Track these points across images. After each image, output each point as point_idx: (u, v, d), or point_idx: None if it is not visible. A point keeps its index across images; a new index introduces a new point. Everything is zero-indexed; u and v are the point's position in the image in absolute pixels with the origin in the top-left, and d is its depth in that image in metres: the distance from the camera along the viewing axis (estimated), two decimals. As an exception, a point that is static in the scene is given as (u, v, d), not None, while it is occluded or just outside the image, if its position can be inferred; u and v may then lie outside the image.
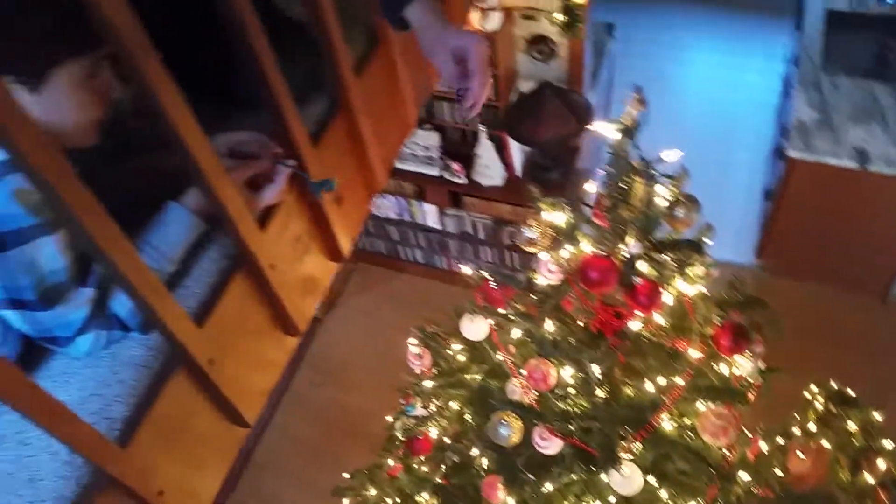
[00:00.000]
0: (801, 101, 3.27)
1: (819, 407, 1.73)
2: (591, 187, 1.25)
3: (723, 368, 1.50)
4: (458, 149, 3.58)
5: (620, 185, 1.13)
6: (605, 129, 1.06)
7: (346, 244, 1.50)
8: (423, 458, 2.04)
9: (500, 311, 1.63)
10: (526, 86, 3.27)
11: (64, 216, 0.82)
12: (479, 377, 1.79)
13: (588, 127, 3.11)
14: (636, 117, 1.05)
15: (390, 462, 2.18)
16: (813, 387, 1.75)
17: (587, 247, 1.32)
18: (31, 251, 0.96)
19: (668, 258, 1.28)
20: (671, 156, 1.07)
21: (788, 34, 4.27)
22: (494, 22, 3.03)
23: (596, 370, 1.38)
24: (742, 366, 1.50)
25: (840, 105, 3.23)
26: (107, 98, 1.04)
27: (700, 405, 1.49)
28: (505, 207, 3.54)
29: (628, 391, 1.52)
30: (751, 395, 1.52)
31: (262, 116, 1.21)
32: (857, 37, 3.45)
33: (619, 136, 1.07)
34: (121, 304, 1.08)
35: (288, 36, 1.18)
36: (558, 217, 1.34)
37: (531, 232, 1.37)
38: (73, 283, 1.03)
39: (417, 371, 1.94)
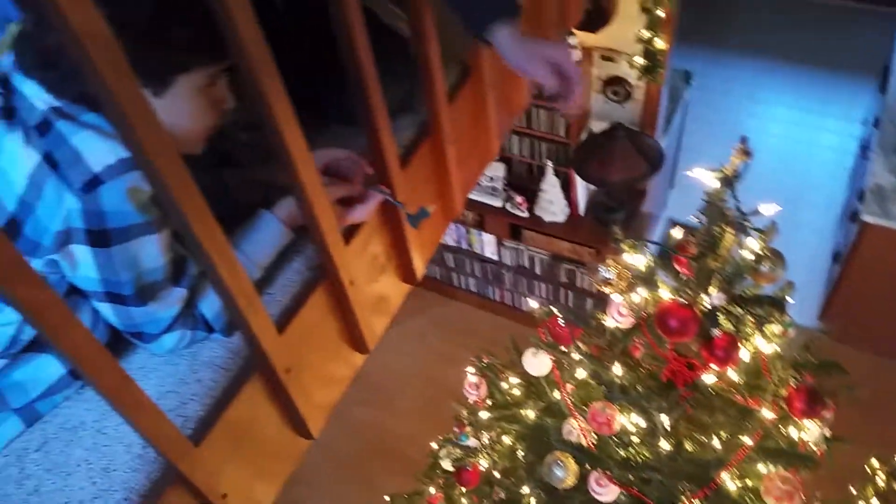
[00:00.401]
0: (879, 164, 3.19)
1: (881, 483, 1.66)
2: (677, 233, 1.24)
3: (791, 431, 1.46)
4: (523, 182, 3.59)
5: (711, 234, 1.12)
6: (703, 177, 1.05)
7: (420, 267, 1.51)
8: (464, 489, 2.02)
9: (565, 349, 1.62)
10: (598, 126, 3.26)
11: (175, 218, 0.85)
12: (532, 414, 1.77)
13: (659, 171, 3.09)
14: (738, 167, 1.04)
15: (431, 490, 2.16)
16: (874, 461, 1.68)
17: (665, 293, 1.30)
18: (134, 248, 0.99)
19: (749, 313, 1.25)
20: (768, 209, 1.05)
21: (869, 96, 4.18)
22: (573, 60, 3.04)
23: (665, 420, 1.35)
24: (809, 430, 1.45)
25: (921, 172, 3.14)
26: (221, 108, 1.08)
27: (762, 467, 1.44)
28: (564, 244, 3.52)
29: (689, 445, 1.49)
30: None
31: (355, 133, 1.23)
32: (943, 104, 3.37)
33: (717, 184, 1.06)
34: (209, 306, 1.11)
35: (387, 49, 1.19)
36: (638, 260, 1.33)
37: (608, 272, 1.36)
38: (168, 283, 1.06)
39: (472, 400, 1.93)
